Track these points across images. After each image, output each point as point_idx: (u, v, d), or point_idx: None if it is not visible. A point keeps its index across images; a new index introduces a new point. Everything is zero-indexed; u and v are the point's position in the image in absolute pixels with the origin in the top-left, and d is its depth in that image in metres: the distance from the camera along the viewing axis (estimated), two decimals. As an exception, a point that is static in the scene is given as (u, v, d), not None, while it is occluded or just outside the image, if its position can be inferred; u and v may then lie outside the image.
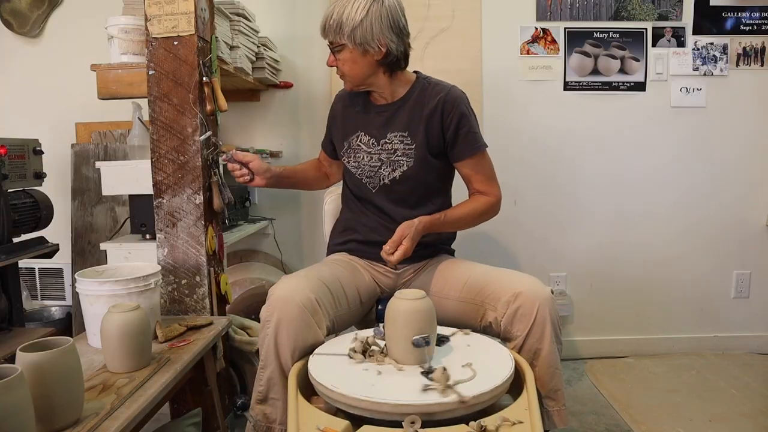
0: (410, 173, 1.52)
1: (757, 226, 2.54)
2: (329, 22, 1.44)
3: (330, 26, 1.44)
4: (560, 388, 1.29)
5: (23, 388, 0.82)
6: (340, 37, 1.44)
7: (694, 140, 2.49)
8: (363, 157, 1.57)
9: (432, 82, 1.57)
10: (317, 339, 1.26)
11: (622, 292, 2.55)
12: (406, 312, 1.13)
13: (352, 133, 1.60)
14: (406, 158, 1.52)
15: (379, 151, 1.55)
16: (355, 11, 1.41)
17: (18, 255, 1.57)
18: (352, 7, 1.41)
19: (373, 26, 1.42)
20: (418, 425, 0.95)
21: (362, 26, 1.41)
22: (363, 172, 1.57)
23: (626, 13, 2.42)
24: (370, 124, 1.58)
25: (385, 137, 1.55)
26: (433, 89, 1.54)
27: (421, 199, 1.55)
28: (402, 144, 1.53)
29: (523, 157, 2.47)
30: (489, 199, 1.55)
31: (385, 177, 1.54)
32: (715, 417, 1.92)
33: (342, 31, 1.42)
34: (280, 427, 1.26)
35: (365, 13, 1.41)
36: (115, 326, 1.14)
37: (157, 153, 1.56)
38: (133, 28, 1.66)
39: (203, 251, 1.57)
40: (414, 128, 1.52)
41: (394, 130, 1.54)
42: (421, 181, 1.53)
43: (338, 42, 1.45)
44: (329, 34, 1.46)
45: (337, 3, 1.44)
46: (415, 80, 1.57)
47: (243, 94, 2.41)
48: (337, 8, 1.43)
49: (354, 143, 1.59)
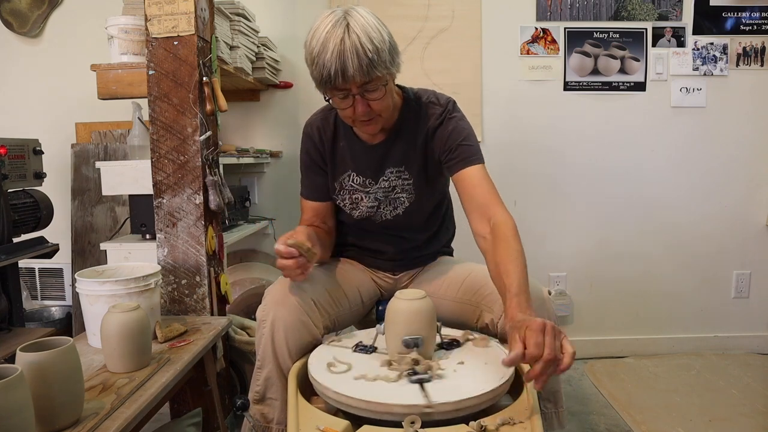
0: (413, 207, 1.42)
1: (757, 226, 2.54)
2: (366, 56, 1.15)
3: (372, 60, 1.15)
4: (559, 389, 1.29)
5: (23, 388, 0.82)
6: (385, 67, 1.19)
7: (694, 140, 2.49)
8: (360, 198, 1.42)
9: (422, 102, 1.38)
10: (314, 338, 1.26)
11: (622, 292, 2.55)
12: (406, 312, 1.12)
13: (342, 172, 1.43)
14: (407, 194, 1.41)
15: (375, 190, 1.41)
16: (379, 32, 1.19)
17: (18, 255, 1.57)
18: (371, 29, 1.18)
19: (394, 41, 1.24)
20: (418, 425, 0.94)
21: (393, 45, 1.22)
22: (362, 213, 1.44)
23: (626, 13, 2.42)
24: (361, 162, 1.41)
25: (382, 174, 1.40)
26: (424, 113, 1.37)
27: (428, 215, 1.49)
28: (400, 179, 1.40)
29: (523, 157, 2.47)
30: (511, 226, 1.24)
31: (386, 215, 1.44)
32: (715, 417, 1.92)
33: (384, 61, 1.18)
34: (278, 426, 1.26)
35: (385, 28, 1.22)
36: (115, 326, 1.14)
37: (157, 153, 1.56)
38: (133, 28, 1.66)
39: (203, 251, 1.57)
40: (409, 161, 1.38)
41: (389, 167, 1.39)
42: (425, 207, 1.46)
43: (379, 77, 1.19)
44: (372, 70, 1.17)
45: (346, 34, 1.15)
46: (403, 101, 1.38)
47: (243, 94, 2.41)
48: (362, 37, 1.15)
49: (346, 183, 1.43)
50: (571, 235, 2.53)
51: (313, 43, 1.19)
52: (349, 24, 1.17)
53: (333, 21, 1.18)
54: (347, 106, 1.24)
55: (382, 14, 2.33)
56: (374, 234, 1.49)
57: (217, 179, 1.60)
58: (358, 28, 1.16)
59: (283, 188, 2.48)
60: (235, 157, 2.03)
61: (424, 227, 1.50)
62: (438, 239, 1.55)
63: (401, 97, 1.38)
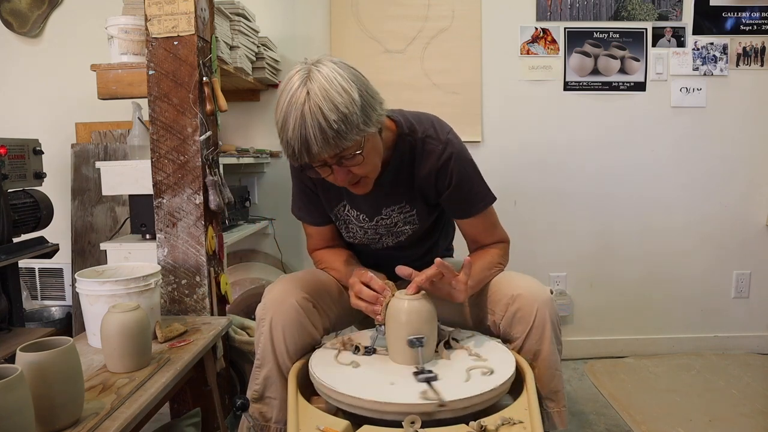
0: (416, 234, 1.40)
1: (757, 226, 2.54)
2: (331, 129, 1.01)
3: (338, 132, 1.01)
4: (560, 389, 1.28)
5: (23, 388, 0.82)
6: (356, 133, 1.04)
7: (694, 140, 2.49)
8: (357, 231, 1.38)
9: (418, 138, 1.25)
10: (313, 339, 1.26)
11: (622, 292, 2.56)
12: (407, 311, 1.13)
13: (336, 203, 1.36)
14: (410, 225, 1.36)
15: (374, 227, 1.36)
16: (344, 92, 1.02)
17: (18, 255, 1.57)
18: (334, 91, 1.02)
19: (369, 92, 1.09)
20: (418, 425, 0.95)
21: (365, 101, 1.06)
22: (362, 242, 1.41)
23: (626, 13, 2.42)
24: (357, 200, 1.32)
25: (380, 213, 1.34)
26: (421, 151, 1.25)
27: (427, 231, 1.47)
28: (402, 214, 1.34)
29: (522, 158, 2.47)
30: (504, 246, 1.38)
31: (388, 243, 1.40)
32: (715, 417, 1.92)
33: (355, 125, 1.03)
34: (276, 425, 1.26)
35: (352, 83, 1.05)
36: (115, 326, 1.14)
37: (157, 153, 1.56)
38: (133, 28, 1.66)
39: (203, 251, 1.57)
40: (410, 196, 1.32)
41: (390, 205, 1.32)
42: (427, 231, 1.45)
43: (351, 147, 1.06)
44: (339, 142, 1.03)
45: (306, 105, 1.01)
46: (397, 137, 1.26)
47: (243, 94, 2.41)
48: (322, 107, 1.00)
49: (341, 214, 1.37)
50: (571, 234, 2.53)
51: (277, 111, 1.07)
52: (309, 89, 1.02)
53: (298, 81, 1.04)
54: (327, 174, 1.13)
55: (382, 14, 2.37)
56: (373, 254, 1.47)
57: (217, 179, 1.60)
58: (319, 93, 1.01)
59: (283, 188, 2.47)
60: (235, 157, 2.03)
61: (424, 242, 1.49)
62: (437, 246, 1.54)
63: (394, 133, 1.26)
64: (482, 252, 1.36)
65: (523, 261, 2.50)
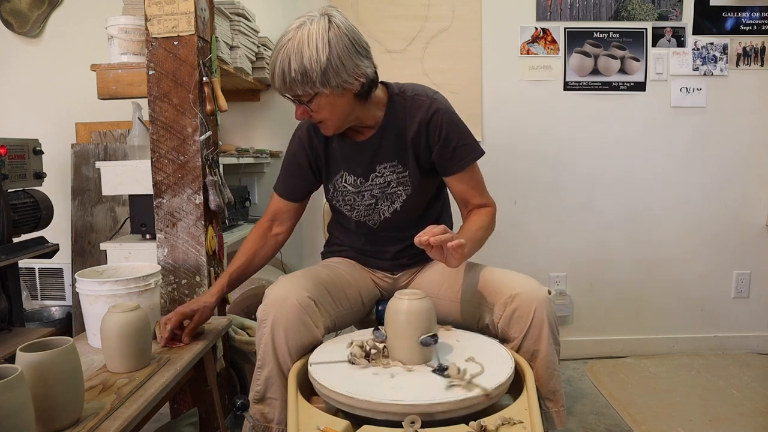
0: (411, 200, 1.43)
1: (757, 226, 2.54)
2: (290, 75, 1.20)
3: (293, 80, 1.20)
4: (559, 389, 1.29)
5: (23, 388, 0.82)
6: (310, 87, 1.21)
7: (694, 140, 2.49)
8: (353, 199, 1.44)
9: (407, 96, 1.39)
10: (315, 338, 1.26)
11: (622, 292, 2.56)
12: (407, 311, 1.13)
13: (334, 173, 1.45)
14: (403, 187, 1.41)
15: (369, 188, 1.42)
16: (317, 51, 1.18)
17: (18, 255, 1.57)
18: (308, 47, 1.18)
19: (343, 60, 1.21)
20: (418, 425, 0.94)
21: (332, 65, 1.19)
22: (359, 213, 1.45)
23: (626, 13, 2.42)
24: (352, 161, 1.42)
25: (374, 171, 1.41)
26: (410, 107, 1.38)
27: (424, 210, 1.50)
28: (395, 174, 1.41)
29: (522, 157, 2.47)
30: (491, 210, 1.43)
31: (384, 212, 1.44)
32: (715, 417, 1.92)
33: (311, 80, 1.20)
34: (278, 426, 1.26)
35: (328, 47, 1.19)
36: (115, 326, 1.14)
37: (157, 153, 1.56)
38: (133, 28, 1.66)
39: (203, 251, 1.57)
40: (403, 154, 1.40)
41: (382, 162, 1.40)
42: (423, 200, 1.48)
43: (309, 93, 1.23)
44: (293, 88, 1.22)
45: (284, 48, 1.20)
46: (389, 98, 1.39)
47: (243, 94, 2.41)
48: (292, 55, 1.19)
49: (339, 185, 1.45)
50: (571, 234, 2.53)
51: None
52: (294, 36, 1.20)
53: (297, 24, 1.22)
54: (295, 108, 1.31)
55: (382, 14, 2.37)
56: (372, 235, 1.50)
57: (217, 179, 1.60)
58: (297, 43, 1.19)
59: (283, 188, 2.47)
60: (235, 157, 2.03)
61: (422, 223, 1.49)
62: None
63: (386, 94, 1.40)
64: (471, 215, 1.42)
65: (523, 261, 2.53)
